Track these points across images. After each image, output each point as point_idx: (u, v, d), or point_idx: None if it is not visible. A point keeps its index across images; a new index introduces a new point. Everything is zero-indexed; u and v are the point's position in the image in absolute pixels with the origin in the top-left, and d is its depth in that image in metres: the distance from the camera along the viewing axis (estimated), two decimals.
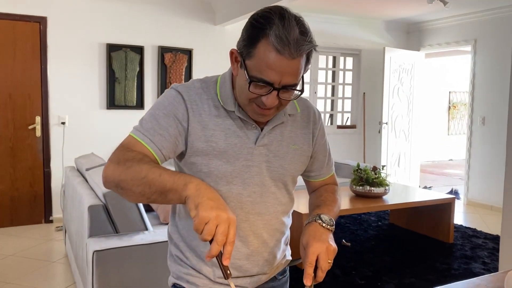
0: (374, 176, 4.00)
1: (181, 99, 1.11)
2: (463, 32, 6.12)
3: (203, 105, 1.13)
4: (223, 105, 1.14)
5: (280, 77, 1.02)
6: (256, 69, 1.02)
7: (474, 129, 5.99)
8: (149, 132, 1.08)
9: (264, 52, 1.00)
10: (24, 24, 4.55)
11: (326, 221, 1.16)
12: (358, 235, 4.41)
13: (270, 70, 1.01)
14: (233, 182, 1.13)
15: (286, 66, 1.01)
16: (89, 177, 2.99)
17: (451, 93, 11.06)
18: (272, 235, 1.23)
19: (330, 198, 1.29)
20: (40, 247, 4.04)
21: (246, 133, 1.15)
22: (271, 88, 1.03)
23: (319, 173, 1.34)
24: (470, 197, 6.03)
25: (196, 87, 1.15)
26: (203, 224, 0.90)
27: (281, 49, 0.99)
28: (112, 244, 2.29)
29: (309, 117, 1.27)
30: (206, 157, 1.12)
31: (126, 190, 1.01)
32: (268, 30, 0.99)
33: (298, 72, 1.04)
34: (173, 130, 1.09)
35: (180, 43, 5.27)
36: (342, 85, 6.72)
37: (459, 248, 4.06)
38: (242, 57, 1.05)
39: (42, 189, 4.74)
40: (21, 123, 4.62)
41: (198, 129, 1.11)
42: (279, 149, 1.19)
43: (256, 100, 1.06)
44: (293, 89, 1.06)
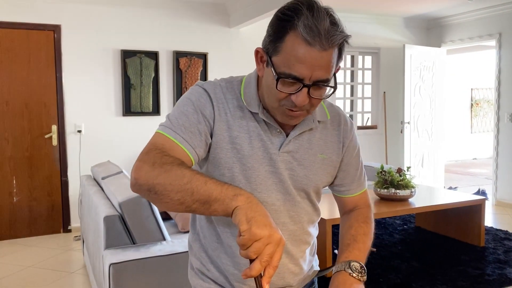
0: (399, 178, 3.84)
1: (207, 96, 1.05)
2: (486, 26, 5.90)
3: (228, 105, 1.05)
4: (247, 106, 1.05)
5: (310, 71, 0.92)
6: (284, 65, 0.93)
7: (501, 126, 5.76)
8: (180, 129, 1.00)
9: (293, 45, 0.92)
10: (39, 33, 4.53)
11: (356, 270, 1.06)
12: (384, 239, 4.24)
13: (300, 64, 0.92)
14: (257, 189, 1.06)
15: (317, 58, 0.91)
16: (105, 186, 2.92)
17: (473, 90, 10.77)
18: (297, 246, 1.15)
19: (361, 230, 1.17)
20: (58, 257, 3.99)
21: (270, 138, 1.06)
22: (301, 85, 0.93)
23: (349, 188, 1.22)
24: (499, 197, 5.79)
25: (221, 86, 1.08)
26: (253, 241, 0.81)
27: (311, 40, 0.90)
28: (129, 256, 2.20)
29: (339, 125, 1.17)
30: (230, 160, 1.04)
31: (161, 195, 0.90)
32: (296, 21, 0.91)
33: (330, 65, 0.94)
34: (203, 127, 1.02)
35: (195, 47, 5.19)
36: (362, 84, 6.56)
37: (491, 252, 3.86)
38: (268, 54, 0.96)
39: (60, 198, 4.70)
40: (38, 132, 4.59)
41: (224, 129, 1.04)
42: (305, 157, 1.10)
43: (285, 101, 0.97)
44: (325, 85, 0.95)
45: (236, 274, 1.10)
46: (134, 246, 2.34)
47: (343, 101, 6.49)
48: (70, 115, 4.70)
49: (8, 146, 4.49)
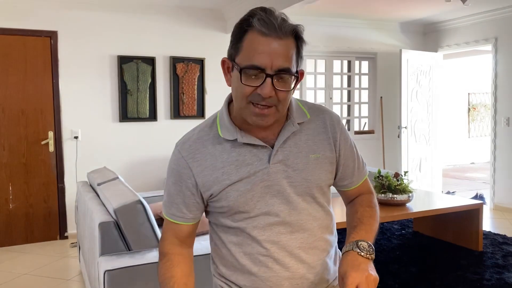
0: (397, 183, 3.83)
1: (180, 157, 1.12)
2: (482, 30, 5.92)
3: (206, 148, 1.10)
4: (224, 136, 1.09)
5: (270, 60, 0.98)
6: (245, 59, 1.00)
7: (498, 131, 5.77)
8: (167, 206, 1.16)
9: (251, 40, 1.00)
10: (35, 39, 4.52)
11: (365, 249, 1.08)
12: (382, 244, 4.23)
13: (259, 53, 0.98)
14: (257, 206, 1.08)
15: (274, 47, 0.99)
16: (100, 192, 2.90)
17: (470, 94, 10.79)
18: (313, 255, 1.14)
19: (366, 213, 1.19)
20: (54, 264, 3.96)
21: (257, 156, 1.08)
22: (264, 75, 0.98)
23: (352, 180, 1.23)
24: (496, 201, 5.79)
25: (194, 135, 1.14)
26: None
27: (266, 31, 0.98)
28: (124, 263, 2.18)
29: (325, 122, 1.17)
30: (224, 193, 1.08)
31: None
32: (251, 20, 1.00)
33: (288, 54, 1.00)
34: (182, 196, 1.12)
35: (192, 52, 5.19)
36: (358, 89, 6.57)
37: (489, 257, 3.85)
38: (232, 58, 1.03)
39: (56, 205, 4.68)
40: (34, 139, 4.57)
41: (208, 175, 1.08)
42: (298, 161, 1.10)
43: (252, 96, 1.00)
44: (287, 74, 1.00)
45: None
46: (129, 252, 2.32)
47: (340, 106, 6.49)
48: (66, 121, 4.68)
49: (4, 152, 4.47)
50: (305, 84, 6.03)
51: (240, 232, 1.12)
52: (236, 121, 1.10)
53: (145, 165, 4.98)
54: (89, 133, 4.77)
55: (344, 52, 6.17)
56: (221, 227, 1.15)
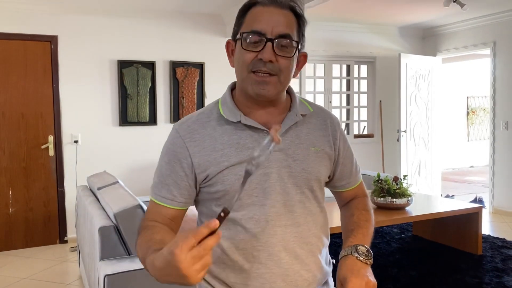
0: (396, 187, 3.84)
1: (177, 137, 1.11)
2: (481, 34, 5.95)
3: (205, 130, 1.09)
4: (227, 117, 1.08)
5: (270, 25, 1.02)
6: (247, 27, 1.05)
7: (497, 134, 5.78)
8: (157, 187, 1.11)
9: (253, 12, 1.05)
10: (35, 44, 4.54)
11: (363, 254, 1.07)
12: (381, 248, 4.23)
13: (260, 20, 1.03)
14: (254, 193, 1.06)
15: (275, 14, 1.03)
16: (100, 197, 2.91)
17: (469, 98, 10.82)
18: (307, 250, 1.12)
19: (362, 217, 1.20)
20: (54, 269, 3.96)
21: (258, 141, 1.07)
22: (265, 40, 1.01)
23: (349, 181, 1.25)
24: (496, 205, 5.79)
25: (193, 116, 1.14)
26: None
27: (268, 2, 1.04)
28: (124, 267, 2.19)
29: (325, 120, 1.19)
30: (221, 176, 1.05)
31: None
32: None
33: (289, 23, 1.04)
34: (176, 176, 1.09)
35: (192, 57, 5.21)
36: (357, 93, 6.58)
37: (489, 260, 3.85)
38: (235, 36, 1.07)
39: (56, 209, 4.68)
40: (34, 143, 4.58)
41: (205, 155, 1.06)
42: (298, 152, 1.10)
43: (253, 64, 1.02)
44: (288, 40, 1.03)
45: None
46: (129, 257, 2.32)
47: (339, 110, 6.51)
48: (66, 125, 4.69)
49: (4, 156, 4.48)
50: (304, 88, 6.05)
51: (233, 225, 1.08)
52: (239, 104, 1.11)
53: (145, 169, 4.99)
54: (89, 137, 4.78)
55: (343, 56, 6.19)
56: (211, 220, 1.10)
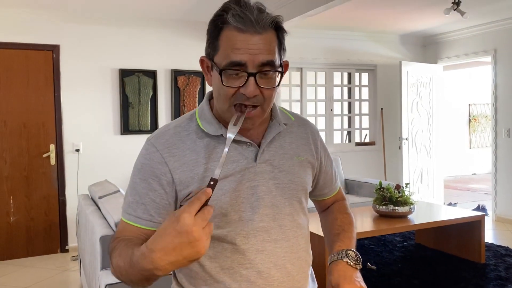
0: (398, 195, 3.83)
1: (154, 151, 1.01)
2: (482, 42, 5.96)
3: (185, 144, 1.01)
4: (208, 132, 1.02)
5: (250, 56, 0.92)
6: (224, 58, 0.93)
7: (499, 142, 5.77)
8: (131, 207, 1.00)
9: (228, 37, 0.93)
10: (37, 53, 4.56)
11: (353, 258, 1.06)
12: (384, 257, 4.21)
13: (237, 50, 0.92)
14: (241, 208, 1.01)
15: (254, 43, 0.92)
16: (101, 206, 2.90)
17: (471, 105, 10.82)
18: (297, 266, 1.08)
19: (346, 220, 1.19)
20: (55, 278, 3.94)
21: (242, 154, 1.03)
22: (246, 74, 0.92)
23: (331, 188, 1.25)
24: (498, 213, 5.77)
25: (169, 130, 1.05)
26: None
27: (243, 27, 0.92)
28: None
29: (306, 129, 1.17)
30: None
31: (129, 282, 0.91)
32: (226, 16, 0.93)
33: (270, 47, 0.93)
34: (153, 194, 0.99)
35: (193, 65, 5.22)
36: (359, 101, 6.59)
37: (492, 269, 3.82)
38: (210, 58, 0.97)
39: (57, 218, 4.68)
40: (36, 152, 4.59)
41: (187, 171, 0.99)
42: (283, 162, 1.07)
43: (235, 97, 0.94)
44: (270, 71, 0.94)
45: None
46: None
47: (340, 117, 6.51)
48: (68, 134, 4.70)
49: (6, 165, 4.48)
50: (305, 96, 6.05)
51: (218, 242, 1.01)
52: (220, 118, 1.03)
53: None
54: (91, 146, 4.78)
55: (344, 64, 6.21)
56: None
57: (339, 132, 6.76)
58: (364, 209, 4.19)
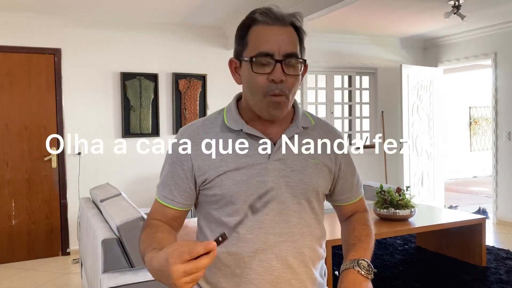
0: (399, 198, 3.83)
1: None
2: (482, 45, 5.97)
3: (207, 135, 1.12)
4: (230, 126, 1.12)
5: (277, 45, 1.04)
6: (253, 50, 1.06)
7: (500, 145, 5.77)
8: (160, 187, 1.17)
9: (256, 33, 1.07)
10: (39, 57, 4.58)
11: (364, 268, 1.07)
12: (384, 260, 4.21)
13: (266, 41, 1.05)
14: (249, 200, 1.06)
15: (279, 33, 1.06)
16: (103, 209, 2.91)
17: (472, 108, 10.83)
18: (300, 261, 1.12)
19: (364, 232, 1.20)
20: (56, 281, 3.95)
21: (257, 149, 1.11)
22: (274, 61, 1.04)
23: (349, 196, 1.26)
24: (500, 216, 5.77)
25: (198, 122, 1.18)
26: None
27: (270, 21, 1.06)
28: (127, 280, 2.18)
29: (328, 133, 1.20)
30: (218, 180, 1.08)
31: None
32: (254, 16, 1.08)
33: (293, 40, 1.08)
34: (177, 178, 1.14)
35: (194, 69, 5.24)
36: (359, 104, 6.59)
37: (493, 272, 3.82)
38: (239, 56, 1.09)
39: (59, 221, 4.68)
40: (37, 155, 4.60)
41: (205, 159, 1.10)
42: (296, 163, 1.12)
43: (267, 88, 1.05)
44: (295, 60, 1.06)
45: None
46: (132, 269, 2.32)
47: (341, 120, 6.52)
48: (69, 138, 4.71)
49: (8, 169, 4.49)
50: (306, 99, 6.06)
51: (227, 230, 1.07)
52: (244, 115, 1.14)
53: (148, 181, 4.99)
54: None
55: (345, 68, 6.22)
56: (209, 223, 1.14)
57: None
58: None
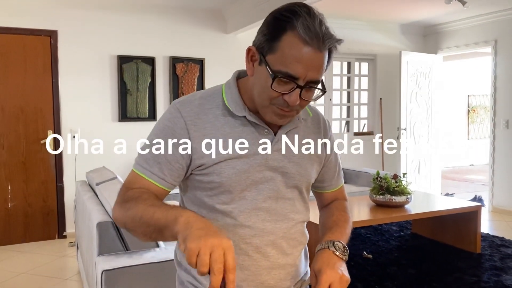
0: (395, 185, 3.84)
1: (179, 117, 1.05)
2: (482, 33, 5.93)
3: (207, 116, 1.06)
4: (233, 110, 1.06)
5: (306, 71, 0.95)
6: (281, 63, 0.95)
7: (497, 133, 5.77)
8: (147, 163, 1.05)
9: (291, 44, 0.94)
10: (35, 38, 4.52)
11: (339, 249, 1.08)
12: (380, 246, 4.23)
13: (297, 62, 0.94)
14: (247, 188, 1.07)
15: (313, 59, 0.95)
16: (99, 192, 2.90)
17: (470, 96, 10.80)
18: (293, 246, 1.15)
19: (342, 217, 1.21)
20: (52, 264, 3.96)
21: (258, 138, 1.08)
22: (295, 85, 0.96)
23: (330, 183, 1.27)
24: (495, 204, 5.79)
25: (195, 100, 1.08)
26: (195, 256, 0.81)
27: (309, 40, 0.93)
28: (122, 263, 2.18)
29: (319, 123, 1.20)
30: (217, 167, 1.04)
31: (132, 231, 1.00)
32: (295, 22, 0.94)
33: (322, 67, 0.98)
34: (171, 156, 1.04)
35: (192, 53, 5.19)
36: (358, 91, 6.57)
37: (487, 259, 3.85)
38: (263, 53, 0.97)
39: (55, 204, 4.68)
40: (33, 138, 4.58)
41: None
42: (294, 154, 1.12)
43: (276, 100, 0.99)
44: (316, 87, 0.99)
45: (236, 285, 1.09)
46: (127, 252, 2.32)
47: (339, 107, 6.50)
48: (66, 120, 4.68)
49: (3, 151, 4.47)
50: None
51: (223, 216, 1.08)
52: (245, 98, 1.08)
53: None
54: (88, 132, 4.77)
55: (344, 54, 6.17)
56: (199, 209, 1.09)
57: (338, 121, 6.76)
58: (361, 199, 4.20)
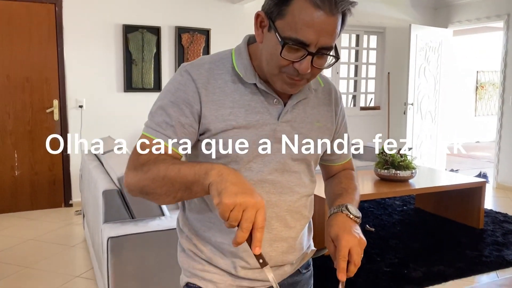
0: (400, 159, 3.83)
1: (190, 80, 1.01)
2: (495, 6, 5.79)
3: (216, 82, 1.02)
4: (243, 77, 1.02)
5: (317, 36, 0.89)
6: (290, 29, 0.90)
7: (506, 109, 5.71)
8: (160, 126, 1.00)
9: (300, 7, 0.88)
10: (39, 6, 4.47)
11: (353, 212, 1.06)
12: (383, 220, 4.26)
13: (307, 28, 0.89)
14: (254, 159, 1.04)
15: (324, 23, 0.89)
16: (104, 161, 2.92)
17: (479, 72, 10.66)
18: (296, 220, 1.12)
19: (351, 185, 1.19)
20: (59, 231, 4.03)
21: (267, 108, 1.04)
22: (306, 52, 0.91)
23: (339, 156, 1.24)
24: (500, 180, 5.78)
25: (204, 64, 1.04)
26: (228, 212, 0.81)
27: (321, 3, 0.88)
28: (127, 230, 2.21)
29: (330, 94, 1.16)
30: (224, 135, 1.01)
31: (151, 194, 0.96)
32: None
33: (335, 32, 0.92)
34: (184, 119, 1.00)
35: (198, 23, 5.12)
36: (366, 64, 6.49)
37: (489, 234, 3.87)
38: (271, 18, 0.92)
39: (61, 173, 4.72)
40: (39, 107, 4.58)
41: (213, 109, 1.01)
42: (303, 126, 1.08)
43: (287, 68, 0.94)
44: (328, 54, 0.94)
45: (233, 251, 1.08)
46: (133, 220, 2.35)
47: (346, 81, 6.43)
48: (71, 90, 4.67)
49: (10, 120, 4.48)
50: None
51: None
52: (255, 64, 1.04)
53: None
54: (94, 102, 4.76)
55: (353, 26, 6.07)
56: None
57: (345, 95, 6.71)
58: (366, 173, 4.21)
